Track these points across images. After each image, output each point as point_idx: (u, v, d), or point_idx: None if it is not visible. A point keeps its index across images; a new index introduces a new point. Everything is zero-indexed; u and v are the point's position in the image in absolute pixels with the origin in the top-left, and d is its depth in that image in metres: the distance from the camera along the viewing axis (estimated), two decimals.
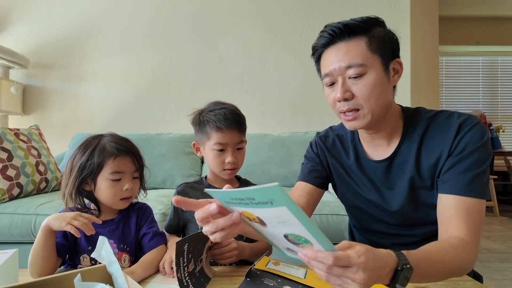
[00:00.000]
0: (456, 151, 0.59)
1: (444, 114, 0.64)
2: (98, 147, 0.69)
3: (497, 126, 3.38)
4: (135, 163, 0.72)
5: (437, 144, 0.61)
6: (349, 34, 0.59)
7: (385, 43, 0.60)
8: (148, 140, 1.85)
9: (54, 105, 2.24)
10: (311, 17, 2.26)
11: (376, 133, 0.66)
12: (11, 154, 1.36)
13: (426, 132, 0.63)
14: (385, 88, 0.60)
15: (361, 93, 0.59)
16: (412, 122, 0.65)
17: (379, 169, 0.68)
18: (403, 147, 0.65)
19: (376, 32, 0.60)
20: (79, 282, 0.45)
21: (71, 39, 2.24)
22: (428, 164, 0.62)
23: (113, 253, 0.51)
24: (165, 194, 1.49)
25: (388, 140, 0.67)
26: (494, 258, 1.87)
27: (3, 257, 0.53)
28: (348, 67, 0.59)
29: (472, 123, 0.60)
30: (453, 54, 3.97)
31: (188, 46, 2.26)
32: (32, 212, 1.25)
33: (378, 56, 0.59)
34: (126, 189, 0.69)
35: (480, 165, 0.57)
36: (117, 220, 0.73)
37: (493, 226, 2.62)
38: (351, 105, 0.60)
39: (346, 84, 0.60)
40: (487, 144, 0.58)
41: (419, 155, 0.63)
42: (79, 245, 0.70)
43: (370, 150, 0.70)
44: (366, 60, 0.58)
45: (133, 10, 2.26)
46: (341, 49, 0.60)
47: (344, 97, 0.60)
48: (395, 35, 0.63)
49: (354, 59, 0.58)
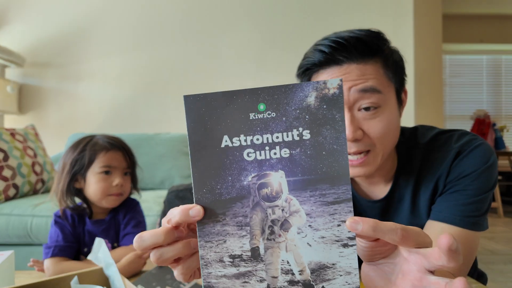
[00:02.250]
0: (451, 177, 0.50)
1: (441, 138, 0.54)
2: (90, 143, 0.70)
3: (501, 126, 3.35)
4: (126, 159, 0.71)
5: (434, 176, 0.52)
6: (362, 54, 0.45)
7: (400, 68, 0.50)
8: (146, 140, 1.83)
9: (51, 105, 2.22)
10: (311, 17, 2.24)
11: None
12: (7, 154, 1.35)
13: (423, 165, 0.53)
14: (398, 125, 0.50)
15: (376, 132, 0.46)
16: (408, 153, 0.55)
17: (375, 209, 0.58)
18: (400, 184, 0.56)
19: (389, 54, 0.48)
20: (76, 284, 0.45)
21: (68, 38, 2.22)
22: (426, 198, 0.53)
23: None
24: (163, 195, 1.46)
25: (384, 178, 0.57)
26: (497, 259, 1.84)
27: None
28: (363, 91, 0.45)
29: (472, 146, 0.50)
30: (456, 52, 3.93)
31: (187, 45, 2.24)
32: (28, 213, 1.24)
33: (393, 85, 0.48)
34: (116, 184, 0.68)
35: (481, 193, 0.49)
36: (108, 219, 0.72)
37: (497, 228, 2.60)
38: (362, 146, 0.47)
39: (357, 120, 0.46)
40: (490, 169, 0.49)
41: (416, 191, 0.54)
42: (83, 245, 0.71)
43: (365, 188, 0.60)
44: (384, 88, 0.46)
45: (130, 9, 2.23)
46: (353, 71, 0.45)
47: (354, 137, 0.46)
48: (403, 58, 0.52)
49: (370, 83, 0.45)
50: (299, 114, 0.25)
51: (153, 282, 0.53)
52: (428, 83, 2.40)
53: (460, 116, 3.89)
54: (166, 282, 0.54)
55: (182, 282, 0.55)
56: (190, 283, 0.55)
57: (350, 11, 2.22)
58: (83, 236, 0.70)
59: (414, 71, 2.23)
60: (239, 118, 0.25)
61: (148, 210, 1.22)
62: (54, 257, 0.65)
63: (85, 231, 0.70)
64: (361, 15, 2.23)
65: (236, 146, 0.25)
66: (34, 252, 1.23)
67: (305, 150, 0.25)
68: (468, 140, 0.51)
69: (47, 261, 0.65)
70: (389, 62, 0.48)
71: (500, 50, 3.93)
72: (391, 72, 0.48)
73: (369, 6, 2.22)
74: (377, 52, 0.47)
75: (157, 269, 0.53)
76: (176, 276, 0.28)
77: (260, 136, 0.25)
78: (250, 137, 0.25)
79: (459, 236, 0.48)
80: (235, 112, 0.25)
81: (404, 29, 2.24)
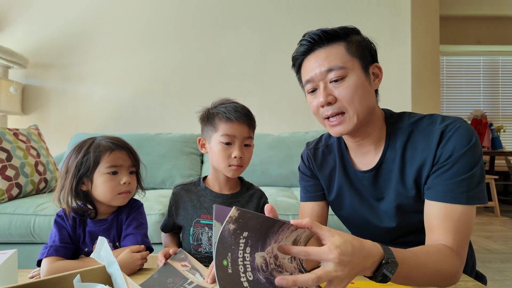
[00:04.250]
0: (441, 159, 0.56)
1: (426, 119, 0.62)
2: (93, 145, 0.70)
3: (498, 126, 3.38)
4: (131, 158, 0.72)
5: (420, 152, 0.59)
6: (327, 40, 0.60)
7: (363, 47, 0.61)
8: (147, 140, 1.84)
9: (53, 105, 2.23)
10: (311, 17, 2.26)
11: (362, 139, 0.65)
12: (10, 154, 1.36)
13: (409, 140, 0.61)
14: (367, 90, 0.60)
15: (343, 95, 0.58)
16: (395, 129, 0.63)
17: (366, 179, 0.66)
18: (387, 156, 0.63)
19: (353, 38, 0.61)
20: (78, 282, 0.45)
21: (70, 39, 2.23)
22: (412, 173, 0.60)
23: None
24: (165, 194, 1.48)
25: (374, 147, 0.65)
26: (495, 258, 1.86)
27: (2, 258, 0.53)
28: (328, 70, 0.59)
29: (455, 127, 0.57)
30: (454, 53, 3.96)
31: (188, 46, 2.25)
32: (31, 212, 1.24)
33: (357, 59, 0.60)
34: (123, 182, 0.69)
35: (468, 170, 0.54)
36: (110, 219, 0.72)
37: (494, 227, 2.61)
38: (336, 109, 0.60)
39: (328, 89, 0.60)
40: (474, 147, 0.55)
41: (403, 163, 0.61)
42: (83, 246, 0.70)
43: (357, 159, 0.68)
44: (346, 63, 0.59)
45: (132, 10, 2.25)
46: (321, 55, 0.60)
47: (327, 101, 0.59)
48: (373, 42, 0.64)
49: (334, 62, 0.59)
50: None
51: (155, 287, 0.53)
52: (425, 84, 2.43)
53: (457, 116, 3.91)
54: (168, 286, 0.54)
55: (183, 285, 0.56)
56: (192, 285, 0.56)
57: (349, 14, 2.25)
58: (84, 237, 0.70)
59: (411, 72, 2.25)
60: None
61: (149, 209, 1.24)
62: (49, 257, 0.65)
63: (86, 231, 0.70)
64: (359, 17, 2.25)
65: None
66: (37, 251, 1.24)
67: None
68: (451, 122, 0.59)
69: (43, 260, 0.65)
70: (351, 43, 0.60)
71: (497, 51, 3.97)
72: (353, 49, 0.60)
73: (367, 8, 2.25)
74: (338, 37, 0.60)
75: (159, 273, 0.53)
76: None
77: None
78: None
79: (455, 212, 0.54)
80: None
81: (401, 31, 2.26)
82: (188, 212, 0.77)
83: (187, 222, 0.77)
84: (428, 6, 2.42)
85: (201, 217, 0.76)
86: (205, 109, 0.79)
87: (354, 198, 0.68)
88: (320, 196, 0.74)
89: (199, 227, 0.76)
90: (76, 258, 0.69)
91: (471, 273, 0.68)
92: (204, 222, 0.76)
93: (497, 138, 3.23)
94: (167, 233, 0.85)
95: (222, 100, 0.79)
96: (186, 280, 0.57)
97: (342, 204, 0.71)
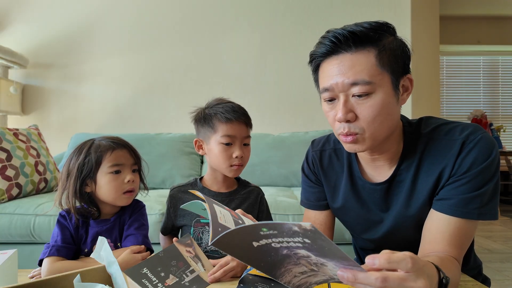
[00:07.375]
0: (459, 171, 0.52)
1: (443, 128, 0.56)
2: (94, 146, 0.69)
3: (498, 126, 3.38)
4: (132, 156, 0.72)
5: (438, 165, 0.55)
6: (355, 44, 0.50)
7: (397, 57, 0.52)
8: (147, 140, 1.84)
9: (53, 105, 2.23)
10: (311, 17, 2.26)
11: (379, 154, 0.59)
12: (10, 154, 1.36)
13: (425, 151, 0.56)
14: (392, 109, 0.53)
15: (365, 115, 0.51)
16: (412, 140, 0.58)
17: (378, 192, 0.61)
18: (402, 168, 0.59)
19: (387, 43, 0.51)
20: (79, 282, 0.45)
21: (70, 39, 2.23)
22: (427, 186, 0.56)
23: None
24: (165, 194, 1.47)
25: (390, 161, 0.60)
26: (495, 258, 1.86)
27: (2, 258, 0.53)
28: (353, 84, 0.50)
29: (476, 138, 0.52)
30: (454, 53, 3.96)
31: (188, 45, 2.25)
32: (31, 212, 1.24)
33: (388, 73, 0.51)
34: (127, 181, 0.68)
35: (483, 186, 0.51)
36: (113, 219, 0.72)
37: (494, 226, 2.62)
38: (352, 129, 0.52)
39: (349, 103, 0.51)
40: (494, 162, 0.52)
41: (417, 174, 0.57)
42: (84, 246, 0.70)
43: (370, 171, 0.63)
44: (375, 76, 0.50)
45: (132, 10, 2.25)
46: (346, 62, 0.51)
47: (346, 119, 0.51)
48: (408, 47, 0.55)
49: (360, 74, 0.50)
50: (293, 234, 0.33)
51: (158, 267, 0.52)
52: (426, 84, 2.43)
53: (457, 116, 3.92)
54: (171, 268, 0.54)
55: (185, 272, 0.56)
56: (193, 273, 0.56)
57: (349, 13, 2.25)
58: (86, 237, 0.70)
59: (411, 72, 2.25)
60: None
61: (149, 209, 1.24)
62: (51, 257, 0.65)
63: (88, 232, 0.70)
64: (359, 17, 2.25)
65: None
66: (37, 251, 1.24)
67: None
68: (471, 132, 0.54)
69: (44, 260, 0.65)
70: (383, 52, 0.51)
71: (497, 51, 3.97)
72: (385, 60, 0.51)
73: (367, 8, 2.25)
74: (369, 41, 0.50)
75: (164, 253, 0.53)
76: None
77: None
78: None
79: (462, 227, 0.52)
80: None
81: (401, 31, 2.25)
82: (188, 212, 0.77)
83: (187, 222, 0.77)
84: (428, 6, 2.42)
85: (200, 217, 0.76)
86: (200, 110, 0.78)
87: (360, 211, 0.64)
88: (323, 206, 0.70)
89: (199, 227, 0.76)
90: (76, 258, 0.69)
91: (478, 278, 0.67)
92: (204, 221, 0.76)
93: (497, 138, 3.23)
94: (167, 235, 0.85)
95: (217, 100, 0.78)
96: (188, 267, 0.57)
97: (346, 215, 0.68)
